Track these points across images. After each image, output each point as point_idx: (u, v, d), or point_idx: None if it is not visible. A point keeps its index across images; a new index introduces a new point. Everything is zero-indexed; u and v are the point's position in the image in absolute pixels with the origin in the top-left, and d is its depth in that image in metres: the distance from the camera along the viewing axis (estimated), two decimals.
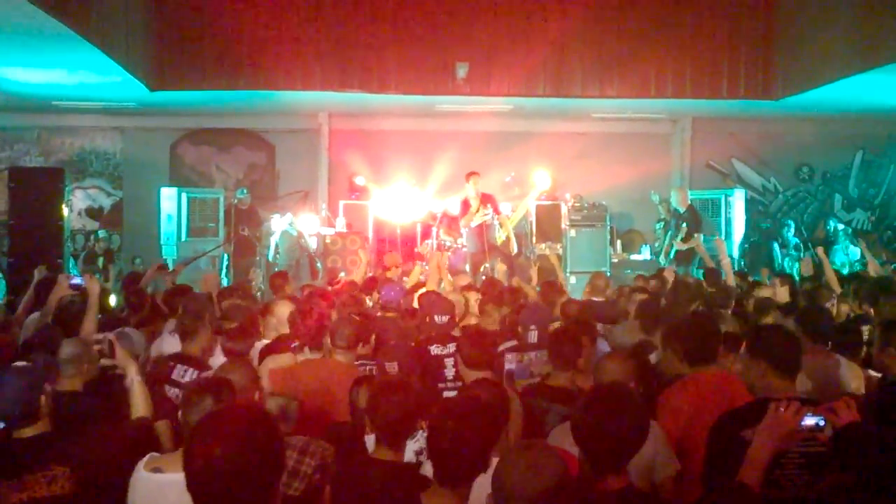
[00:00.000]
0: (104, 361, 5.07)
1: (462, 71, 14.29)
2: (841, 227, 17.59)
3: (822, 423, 3.25)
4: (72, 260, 15.36)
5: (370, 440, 4.13)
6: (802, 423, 3.26)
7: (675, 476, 4.33)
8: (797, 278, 11.64)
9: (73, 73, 12.86)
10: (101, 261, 16.16)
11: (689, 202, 14.56)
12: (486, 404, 3.54)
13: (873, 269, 11.62)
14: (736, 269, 14.46)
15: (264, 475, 2.41)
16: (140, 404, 4.63)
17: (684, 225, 14.09)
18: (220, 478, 2.34)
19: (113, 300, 9.00)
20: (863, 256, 15.86)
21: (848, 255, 16.39)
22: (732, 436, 3.73)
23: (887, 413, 4.29)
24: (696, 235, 14.08)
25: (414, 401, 3.99)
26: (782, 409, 3.29)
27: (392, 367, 5.39)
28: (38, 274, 8.82)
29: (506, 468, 2.98)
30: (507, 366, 6.17)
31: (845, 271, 14.37)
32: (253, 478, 2.37)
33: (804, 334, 5.71)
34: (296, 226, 15.09)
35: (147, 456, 3.85)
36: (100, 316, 6.98)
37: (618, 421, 3.36)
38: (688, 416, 4.62)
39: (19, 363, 4.49)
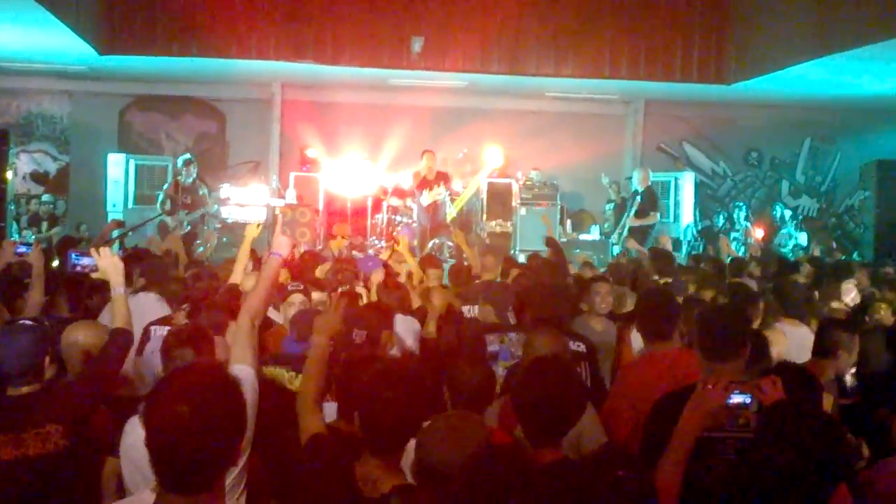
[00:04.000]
0: (94, 275, 5.02)
1: (417, 45, 14.22)
2: (788, 212, 17.80)
3: (748, 400, 3.29)
4: (14, 224, 15.10)
5: (330, 407, 4.10)
6: (729, 401, 3.30)
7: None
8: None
9: (19, 34, 12.59)
10: (44, 225, 15.92)
11: (649, 183, 14.64)
12: (417, 371, 3.54)
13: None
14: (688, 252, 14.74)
15: (226, 435, 2.41)
16: (121, 315, 4.62)
17: (638, 199, 14.17)
18: (180, 435, 2.33)
19: (55, 265, 8.89)
20: (809, 243, 16.14)
21: (793, 239, 16.62)
22: (670, 417, 3.77)
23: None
24: (651, 213, 14.19)
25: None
26: (710, 387, 3.33)
27: (360, 336, 5.32)
28: None
29: (429, 437, 2.99)
30: (490, 347, 6.05)
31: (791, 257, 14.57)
32: (214, 437, 2.36)
33: None
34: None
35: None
36: None
37: (556, 395, 3.41)
38: (639, 392, 4.61)
39: (26, 321, 4.41)
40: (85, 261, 5.08)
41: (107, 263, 4.76)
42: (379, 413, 3.17)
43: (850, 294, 8.19)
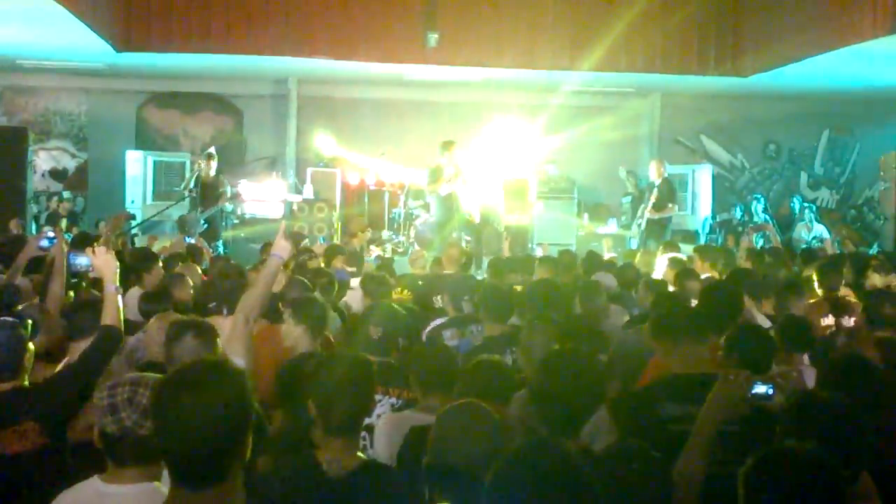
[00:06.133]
0: (92, 274, 5.06)
1: (433, 40, 14.18)
2: (804, 205, 17.69)
3: (770, 391, 3.28)
4: (34, 222, 15.19)
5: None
6: (751, 391, 3.29)
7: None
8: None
9: (36, 31, 12.64)
10: (64, 223, 15.98)
11: (665, 175, 14.53)
12: (359, 357, 3.62)
13: (829, 248, 11.64)
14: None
15: (232, 428, 2.39)
16: (110, 313, 4.45)
17: (655, 191, 14.08)
18: (186, 428, 2.33)
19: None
20: (829, 234, 16.03)
21: (811, 230, 16.52)
22: (647, 409, 3.80)
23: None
24: (669, 205, 14.09)
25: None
26: (731, 378, 3.33)
27: (377, 332, 5.29)
28: None
29: (442, 429, 3.00)
30: (450, 342, 5.91)
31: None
32: (220, 430, 2.35)
33: None
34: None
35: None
36: None
37: (574, 385, 3.41)
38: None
39: (6, 318, 4.38)
40: (80, 260, 5.03)
41: (101, 262, 4.64)
42: (331, 393, 3.25)
43: None
